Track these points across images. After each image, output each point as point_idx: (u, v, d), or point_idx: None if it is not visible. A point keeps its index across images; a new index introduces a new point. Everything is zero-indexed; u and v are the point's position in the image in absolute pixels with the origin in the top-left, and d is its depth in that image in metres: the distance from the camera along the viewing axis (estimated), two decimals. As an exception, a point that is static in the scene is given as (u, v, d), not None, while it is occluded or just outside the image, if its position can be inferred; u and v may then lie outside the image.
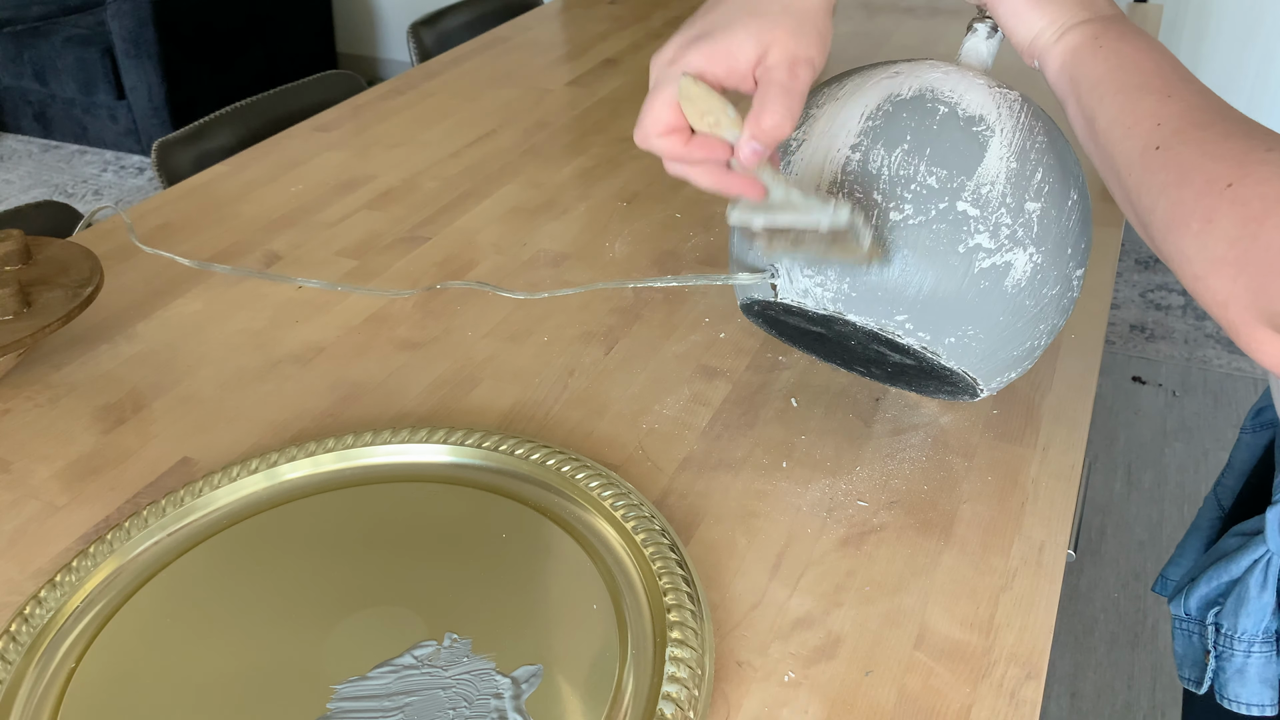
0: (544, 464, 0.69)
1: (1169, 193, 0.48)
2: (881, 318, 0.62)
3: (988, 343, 0.63)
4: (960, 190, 0.60)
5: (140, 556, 0.64)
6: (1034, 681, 0.56)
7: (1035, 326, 0.64)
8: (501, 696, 0.54)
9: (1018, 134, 0.61)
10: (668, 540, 0.62)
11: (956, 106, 0.62)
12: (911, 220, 0.60)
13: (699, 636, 0.56)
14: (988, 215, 0.60)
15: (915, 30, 1.64)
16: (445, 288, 0.93)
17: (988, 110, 0.62)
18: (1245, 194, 0.44)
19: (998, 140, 0.61)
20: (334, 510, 0.66)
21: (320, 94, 1.44)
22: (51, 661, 0.57)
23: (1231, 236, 0.44)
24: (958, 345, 0.63)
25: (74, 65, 3.10)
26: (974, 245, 0.60)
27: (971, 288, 0.61)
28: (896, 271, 0.61)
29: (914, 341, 0.62)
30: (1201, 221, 0.45)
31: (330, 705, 0.54)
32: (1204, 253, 0.45)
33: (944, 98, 0.62)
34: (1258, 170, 0.44)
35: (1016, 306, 0.62)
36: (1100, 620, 1.63)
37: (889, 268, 0.60)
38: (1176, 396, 2.12)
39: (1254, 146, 0.45)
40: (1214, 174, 0.46)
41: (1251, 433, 0.76)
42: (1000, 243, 0.60)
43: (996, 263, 0.60)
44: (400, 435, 0.71)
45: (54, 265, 0.85)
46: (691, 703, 0.53)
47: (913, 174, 0.60)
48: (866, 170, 0.61)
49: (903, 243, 0.60)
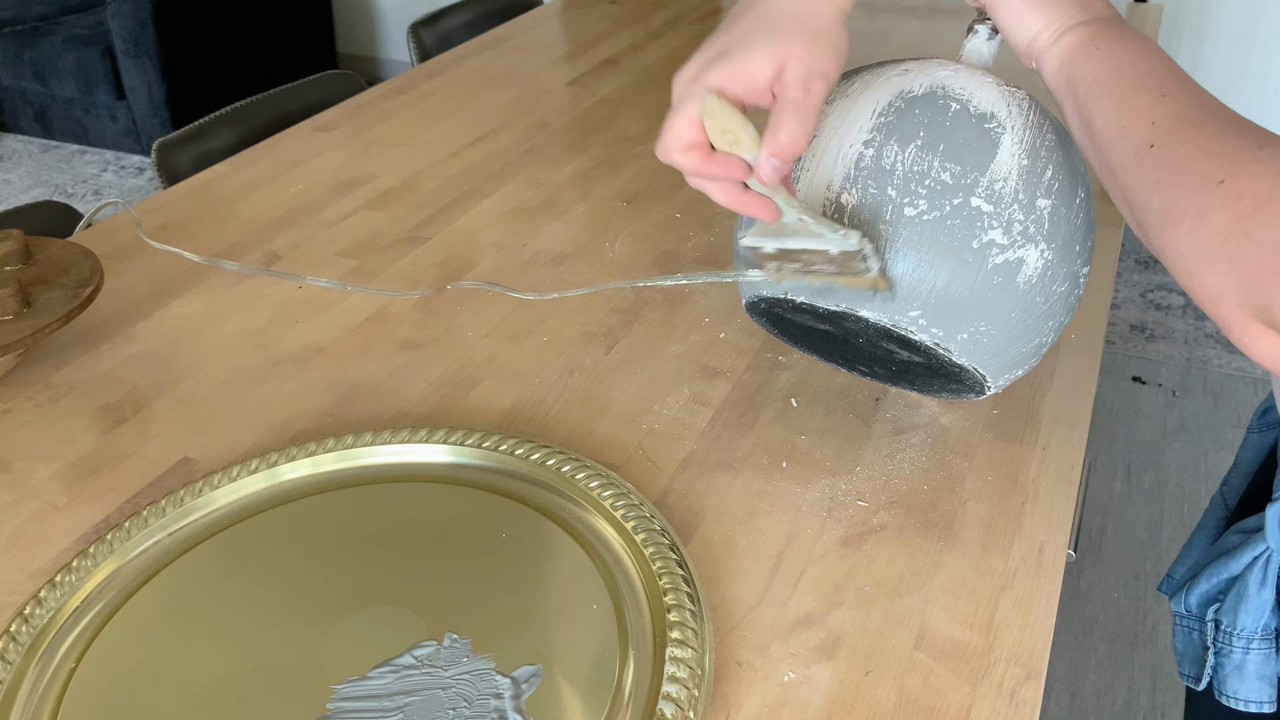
0: (544, 464, 0.69)
1: (1163, 190, 0.48)
2: (895, 314, 0.62)
3: (999, 339, 0.63)
4: (974, 186, 0.60)
5: (140, 556, 0.64)
6: (1034, 681, 0.56)
7: (1044, 323, 0.64)
8: (501, 696, 0.54)
9: (1028, 131, 0.62)
10: (668, 540, 0.62)
11: (968, 104, 0.62)
12: (926, 215, 0.60)
13: (699, 636, 0.56)
14: (1001, 211, 0.60)
15: (915, 30, 1.64)
16: (455, 288, 0.93)
17: (998, 108, 0.62)
18: (1237, 190, 0.44)
19: (1009, 137, 0.61)
20: (334, 510, 0.66)
21: (320, 94, 1.44)
22: (51, 661, 0.57)
23: (1224, 232, 0.44)
24: (970, 341, 0.63)
25: (74, 65, 3.10)
26: (987, 241, 0.60)
27: (985, 284, 0.61)
28: (911, 267, 0.61)
29: (927, 338, 0.63)
30: (1194, 218, 0.46)
31: (330, 705, 0.54)
32: (1197, 249, 0.46)
33: (955, 95, 0.62)
34: (1250, 167, 0.45)
35: (1028, 303, 0.62)
36: (1100, 620, 1.63)
37: (903, 263, 0.61)
38: (1176, 396, 2.12)
39: (1247, 144, 0.46)
40: (1207, 171, 0.46)
41: (1258, 432, 0.77)
42: (1013, 239, 0.60)
43: (1009, 259, 0.61)
44: (400, 435, 0.71)
45: (54, 265, 0.85)
46: (691, 703, 0.53)
47: (926, 169, 0.60)
48: (880, 166, 0.61)
49: (917, 238, 0.60)
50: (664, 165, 1.18)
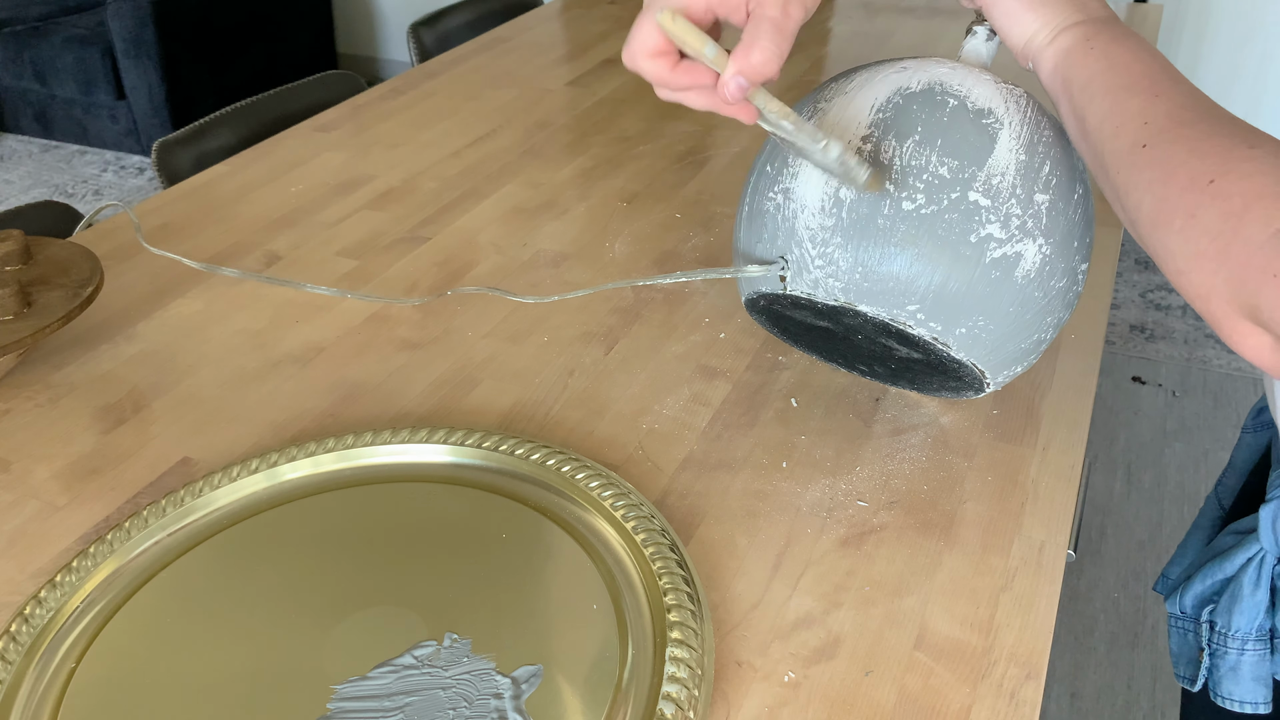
0: (544, 464, 0.69)
1: (1154, 189, 0.48)
2: (893, 308, 0.62)
3: (997, 334, 0.63)
4: (972, 180, 0.60)
5: (140, 557, 0.64)
6: (1034, 681, 0.56)
7: (1043, 319, 0.64)
8: (501, 696, 0.54)
9: (1025, 127, 0.62)
10: (668, 540, 0.62)
11: (965, 99, 0.62)
12: (924, 209, 0.60)
13: (699, 636, 0.56)
14: (999, 206, 0.60)
15: (915, 30, 1.64)
16: (456, 293, 0.93)
17: (995, 104, 0.62)
18: (1227, 189, 0.44)
19: (1006, 133, 0.61)
20: (334, 510, 0.66)
21: (320, 94, 1.44)
22: (51, 662, 0.57)
23: (1213, 231, 0.44)
24: (968, 336, 0.63)
25: (74, 65, 3.10)
26: (985, 235, 0.60)
27: (983, 278, 0.61)
28: (909, 261, 0.61)
29: (925, 332, 0.63)
30: (1185, 217, 0.46)
31: (330, 705, 0.54)
32: (1187, 247, 0.46)
33: (953, 91, 0.62)
34: (1240, 166, 0.45)
35: (1026, 298, 0.62)
36: (1100, 620, 1.63)
37: (901, 258, 0.61)
38: (1176, 396, 2.12)
39: (1237, 144, 0.46)
40: (1198, 170, 0.46)
41: (1252, 432, 0.77)
42: (1011, 233, 0.61)
43: (1007, 253, 0.61)
44: (400, 435, 0.71)
45: (54, 265, 0.85)
46: (691, 703, 0.53)
47: (924, 164, 0.60)
48: (878, 161, 0.61)
49: (915, 232, 0.60)
50: (664, 165, 1.18)
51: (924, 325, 0.62)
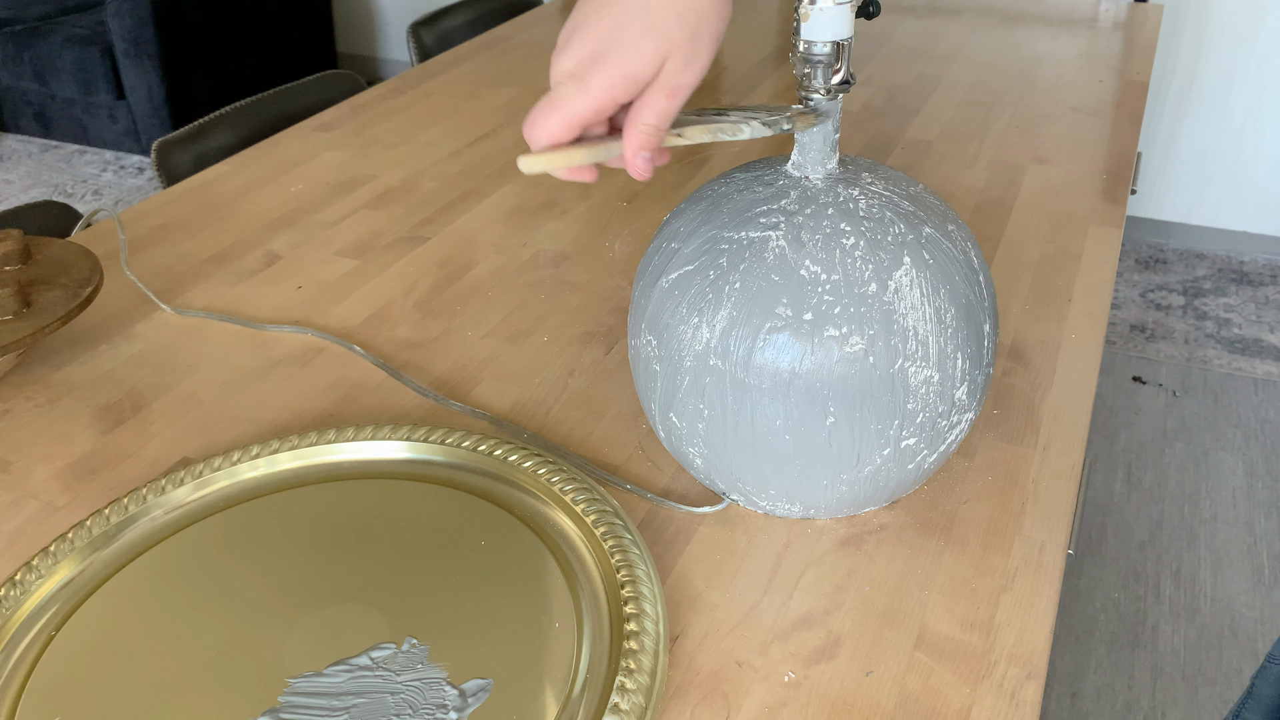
0: (535, 473, 0.68)
1: None
2: None
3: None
4: None
5: (117, 547, 0.64)
6: (1034, 682, 0.56)
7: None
8: (446, 708, 0.54)
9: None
10: (643, 569, 0.60)
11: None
12: None
13: (652, 673, 0.54)
14: None
15: (915, 30, 1.64)
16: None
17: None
18: None
19: None
20: (306, 507, 0.66)
21: (320, 94, 1.44)
22: (9, 661, 0.57)
23: None
24: None
25: (74, 65, 3.10)
26: None
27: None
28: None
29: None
30: None
31: (281, 699, 0.54)
32: None
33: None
34: None
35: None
36: (1100, 620, 1.63)
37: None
38: (1176, 396, 2.12)
39: None
40: None
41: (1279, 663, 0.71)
42: None
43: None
44: (400, 433, 0.71)
45: (54, 265, 0.85)
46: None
47: None
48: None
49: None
50: (664, 165, 1.18)
51: None
